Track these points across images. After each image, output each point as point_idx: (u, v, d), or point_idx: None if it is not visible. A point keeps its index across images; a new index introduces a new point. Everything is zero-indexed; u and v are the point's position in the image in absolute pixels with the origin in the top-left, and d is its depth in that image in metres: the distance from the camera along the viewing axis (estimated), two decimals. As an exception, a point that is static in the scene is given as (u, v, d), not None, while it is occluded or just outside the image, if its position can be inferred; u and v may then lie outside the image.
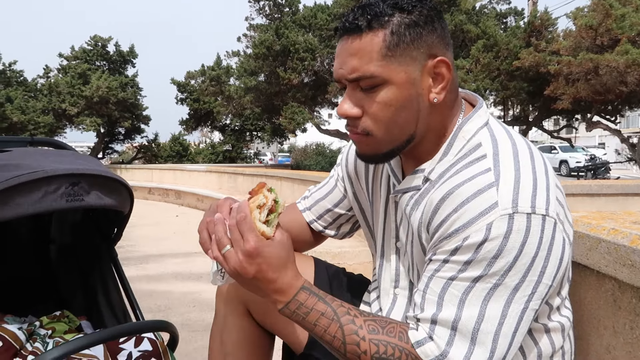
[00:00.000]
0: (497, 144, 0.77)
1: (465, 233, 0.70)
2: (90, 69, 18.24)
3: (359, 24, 0.75)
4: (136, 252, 4.72)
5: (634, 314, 0.87)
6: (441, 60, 0.76)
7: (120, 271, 1.39)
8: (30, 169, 1.03)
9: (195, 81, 17.86)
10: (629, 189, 3.90)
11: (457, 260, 0.71)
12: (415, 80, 0.76)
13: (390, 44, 0.74)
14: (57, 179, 1.04)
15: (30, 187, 1.01)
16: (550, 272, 0.71)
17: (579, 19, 9.08)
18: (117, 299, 1.39)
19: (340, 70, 0.78)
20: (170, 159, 21.49)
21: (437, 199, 0.75)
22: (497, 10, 13.76)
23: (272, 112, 15.20)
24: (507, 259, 0.69)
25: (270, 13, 14.47)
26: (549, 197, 0.72)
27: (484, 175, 0.72)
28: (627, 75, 7.96)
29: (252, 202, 0.78)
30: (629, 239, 0.87)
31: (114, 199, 1.15)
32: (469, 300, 0.70)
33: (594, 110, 10.39)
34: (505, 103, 12.62)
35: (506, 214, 0.69)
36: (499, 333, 0.70)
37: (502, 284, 0.69)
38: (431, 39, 0.76)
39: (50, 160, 1.12)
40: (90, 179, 1.09)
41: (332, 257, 3.56)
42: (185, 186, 10.27)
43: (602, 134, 26.28)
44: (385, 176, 0.93)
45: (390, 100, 0.76)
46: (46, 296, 1.50)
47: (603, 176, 15.31)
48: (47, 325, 1.26)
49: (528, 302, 0.70)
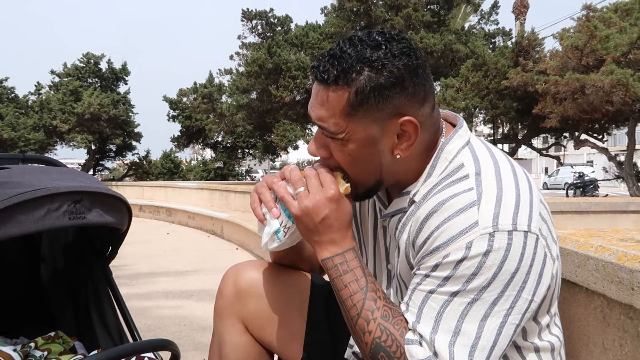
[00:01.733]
0: (479, 163, 0.78)
1: (446, 251, 0.71)
2: (82, 85, 18.25)
3: (327, 77, 0.75)
4: (127, 270, 4.67)
5: (623, 331, 0.88)
6: (408, 120, 0.75)
7: (115, 290, 1.37)
8: (33, 187, 1.02)
9: (187, 98, 17.95)
10: (617, 207, 3.95)
11: (437, 275, 0.73)
12: (374, 139, 0.77)
13: (354, 103, 0.74)
14: (60, 196, 1.04)
15: (34, 204, 1.01)
16: (530, 287, 0.72)
17: (565, 39, 9.29)
18: (112, 318, 1.37)
19: (311, 112, 0.80)
20: (162, 176, 21.41)
21: (421, 218, 0.77)
22: (486, 31, 14.06)
23: (264, 129, 15.26)
24: (486, 276, 0.70)
25: (263, 32, 14.66)
26: (532, 213, 0.73)
27: (466, 194, 0.74)
28: (613, 94, 8.12)
29: None
30: (616, 256, 0.89)
31: (114, 216, 1.15)
32: (446, 314, 0.72)
33: (581, 128, 10.56)
34: (494, 121, 12.79)
35: (486, 233, 0.70)
36: (476, 346, 0.70)
37: (480, 299, 0.70)
38: (399, 100, 0.75)
39: (51, 177, 1.12)
40: (92, 196, 1.09)
41: (324, 274, 3.54)
42: (177, 203, 10.20)
43: (590, 151, 26.67)
44: (372, 202, 0.95)
45: (350, 151, 0.78)
46: (35, 317, 1.48)
47: (592, 193, 15.48)
48: (42, 347, 1.25)
49: (507, 316, 0.71)
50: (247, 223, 6.12)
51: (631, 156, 10.04)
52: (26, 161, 1.42)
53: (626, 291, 0.84)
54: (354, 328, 0.79)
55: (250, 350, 1.02)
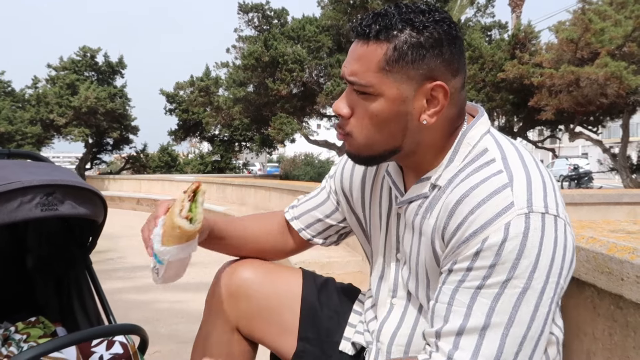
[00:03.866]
0: (502, 148, 0.79)
1: (484, 234, 0.70)
2: (79, 79, 18.10)
3: (368, 31, 0.76)
4: (124, 263, 4.68)
5: (612, 320, 0.90)
6: (439, 85, 0.76)
7: (94, 278, 1.44)
8: (7, 180, 1.07)
9: (184, 92, 17.85)
10: (611, 198, 3.98)
11: (481, 265, 0.70)
12: (405, 98, 0.77)
13: (390, 59, 0.75)
14: (33, 189, 1.09)
15: (7, 197, 1.06)
16: (565, 274, 0.72)
17: (561, 32, 9.29)
18: (92, 304, 1.43)
19: (344, 69, 0.80)
20: (159, 169, 21.32)
21: (452, 202, 0.75)
22: (482, 23, 14.02)
23: (261, 122, 15.21)
24: (530, 259, 0.69)
25: (259, 25, 14.56)
26: (557, 198, 0.74)
27: (497, 177, 0.73)
28: (607, 87, 8.15)
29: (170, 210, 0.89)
30: (607, 247, 0.90)
31: (88, 208, 1.20)
32: (499, 307, 0.69)
33: (576, 121, 10.60)
34: (490, 114, 12.81)
35: (522, 213, 0.69)
36: (527, 337, 0.69)
37: (530, 287, 0.69)
38: (434, 62, 0.76)
39: (27, 171, 1.17)
40: (65, 189, 1.14)
41: (320, 267, 3.57)
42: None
43: (585, 144, 26.73)
44: (387, 189, 0.94)
45: (378, 111, 0.77)
46: (22, 304, 1.53)
47: (586, 185, 15.55)
48: (21, 331, 1.31)
49: (551, 304, 0.71)
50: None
51: (625, 148, 10.08)
52: (12, 157, 1.46)
53: (616, 281, 0.85)
54: None
55: (234, 347, 1.04)
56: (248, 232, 1.08)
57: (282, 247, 1.11)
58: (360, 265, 3.73)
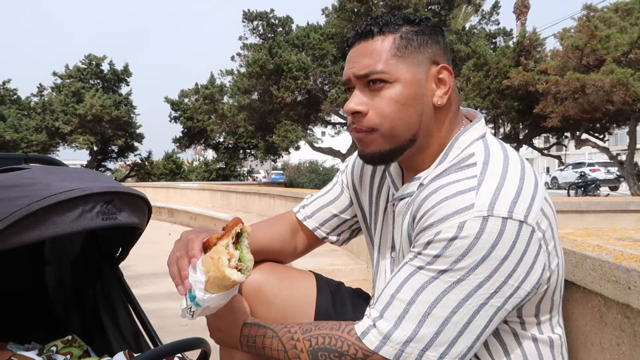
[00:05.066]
0: (489, 154, 0.80)
1: (438, 228, 0.73)
2: (84, 87, 18.30)
3: (372, 29, 0.82)
4: (129, 270, 4.67)
5: (620, 330, 0.89)
6: (444, 66, 0.83)
7: (127, 292, 1.35)
8: (65, 188, 1.00)
9: (188, 99, 17.96)
10: (618, 206, 3.95)
11: (428, 253, 0.74)
12: (420, 81, 0.82)
13: (400, 45, 0.81)
14: (93, 197, 1.03)
15: (68, 205, 0.99)
16: (518, 276, 0.73)
17: (566, 39, 9.29)
18: (127, 321, 1.34)
19: (351, 70, 0.83)
20: (164, 176, 21.42)
21: (422, 197, 0.79)
22: (487, 31, 14.06)
23: (265, 130, 15.27)
24: (475, 258, 0.71)
25: (264, 33, 14.67)
26: (532, 205, 0.74)
27: (468, 180, 0.76)
28: (613, 94, 8.12)
29: (212, 253, 0.80)
30: (613, 255, 0.89)
31: (138, 216, 1.15)
32: (429, 288, 0.73)
33: (582, 128, 10.56)
34: (495, 121, 12.79)
35: (480, 216, 0.71)
36: (450, 320, 0.72)
37: (465, 280, 0.72)
38: (435, 48, 0.83)
39: (77, 177, 1.11)
40: (122, 196, 1.09)
41: (324, 274, 3.55)
42: (178, 204, 10.22)
43: (591, 151, 26.60)
44: (386, 187, 0.97)
45: (397, 97, 0.81)
46: (41, 321, 1.47)
47: (593, 193, 15.45)
48: (62, 350, 1.23)
49: (489, 298, 0.72)
50: (248, 223, 6.12)
51: (632, 155, 10.02)
52: (29, 161, 1.40)
53: (623, 290, 0.84)
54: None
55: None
56: (263, 244, 1.07)
57: (294, 249, 1.11)
58: (365, 273, 3.71)
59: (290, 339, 0.83)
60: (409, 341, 0.73)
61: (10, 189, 1.00)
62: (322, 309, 1.01)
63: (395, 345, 0.74)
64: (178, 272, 0.84)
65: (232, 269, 0.78)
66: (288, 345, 0.83)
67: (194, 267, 0.83)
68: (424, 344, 0.73)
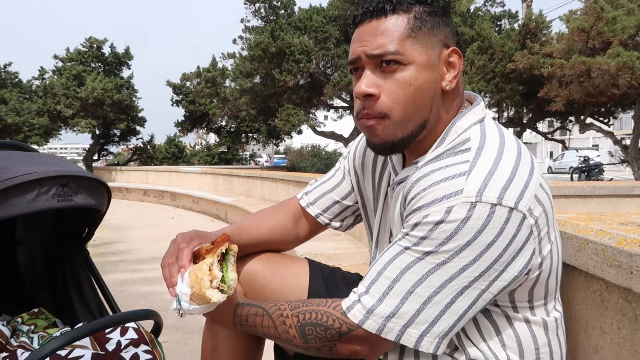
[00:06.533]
0: (484, 139, 0.79)
1: (427, 211, 0.74)
2: (86, 70, 18.17)
3: (385, 6, 0.79)
4: (131, 254, 4.71)
5: (621, 314, 0.89)
6: (454, 49, 0.82)
7: (93, 269, 1.44)
8: (22, 172, 1.08)
9: (190, 83, 17.84)
10: (621, 190, 3.93)
11: (414, 235, 0.75)
12: (433, 63, 0.80)
13: (414, 26, 0.79)
14: (49, 180, 1.11)
15: (25, 188, 1.07)
16: (503, 260, 0.73)
17: (572, 21, 9.15)
18: (92, 296, 1.43)
19: (363, 48, 0.80)
20: (166, 160, 21.42)
21: (414, 179, 0.80)
22: (492, 13, 13.85)
23: (267, 113, 15.21)
24: (459, 242, 0.72)
25: (266, 15, 14.49)
26: (525, 192, 0.74)
27: (459, 165, 0.76)
28: (619, 78, 8.03)
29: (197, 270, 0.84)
30: (616, 240, 0.89)
31: (96, 198, 1.22)
32: (414, 268, 0.75)
33: (587, 112, 10.47)
34: (499, 105, 12.69)
35: (468, 202, 0.71)
36: (432, 299, 0.74)
37: (449, 262, 0.73)
38: (445, 30, 0.82)
39: (35, 162, 1.18)
40: (78, 180, 1.17)
41: (326, 258, 3.57)
42: (181, 188, 10.24)
43: (596, 135, 26.46)
44: (387, 172, 0.97)
45: (411, 79, 0.78)
46: (13, 296, 1.55)
47: (596, 177, 15.41)
48: (27, 322, 1.32)
49: (473, 281, 0.73)
50: (250, 207, 6.14)
51: (637, 140, 9.95)
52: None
53: (625, 275, 0.84)
54: (282, 339, 0.85)
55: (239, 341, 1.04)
56: (264, 236, 1.07)
57: (296, 237, 1.12)
58: (367, 256, 3.72)
59: (280, 315, 0.85)
60: (391, 316, 0.75)
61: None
62: (315, 294, 1.02)
63: (377, 320, 0.76)
64: (169, 276, 0.88)
65: (214, 289, 0.83)
66: (277, 321, 0.85)
67: (182, 276, 0.87)
68: (405, 320, 0.75)
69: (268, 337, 0.89)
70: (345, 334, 0.79)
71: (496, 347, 0.83)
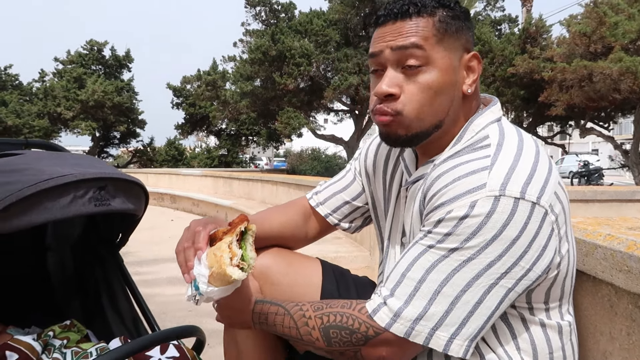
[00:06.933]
0: (504, 136, 0.79)
1: (450, 207, 0.73)
2: (86, 73, 18.24)
3: (409, 8, 0.80)
4: (131, 256, 4.70)
5: (630, 320, 0.88)
6: (474, 54, 0.83)
7: (127, 278, 1.35)
8: (58, 174, 1.00)
9: (191, 86, 17.90)
10: (622, 195, 3.93)
11: (438, 232, 0.74)
12: (455, 67, 0.81)
13: (440, 29, 0.79)
14: (85, 183, 1.03)
15: (60, 191, 0.99)
16: (529, 258, 0.72)
17: (573, 26, 9.17)
18: (126, 306, 1.35)
19: (387, 43, 0.80)
20: (166, 163, 21.43)
21: (434, 176, 0.79)
22: (492, 17, 13.90)
23: (267, 116, 15.23)
24: (485, 237, 0.70)
25: (267, 19, 14.53)
26: (545, 188, 0.73)
27: (481, 160, 0.76)
28: (620, 82, 8.04)
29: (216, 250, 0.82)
30: (625, 245, 0.88)
31: (134, 202, 1.14)
32: (439, 267, 0.73)
33: (587, 116, 10.49)
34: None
35: (492, 195, 0.71)
36: (460, 299, 0.72)
37: (475, 258, 0.71)
38: (467, 34, 0.83)
39: (71, 163, 1.10)
40: (115, 182, 1.09)
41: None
42: (181, 190, 10.23)
43: (596, 140, 26.50)
44: (399, 173, 0.97)
45: (432, 82, 0.79)
46: (42, 305, 1.47)
47: (596, 182, 15.41)
48: (59, 335, 1.24)
49: (499, 279, 0.72)
50: (251, 210, 6.13)
51: (637, 145, 9.96)
52: (29, 146, 1.39)
53: (635, 280, 0.83)
54: (304, 340, 0.83)
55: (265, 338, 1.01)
56: (274, 230, 1.07)
57: (305, 235, 1.11)
58: (368, 260, 3.71)
59: (302, 316, 0.83)
60: (419, 319, 0.73)
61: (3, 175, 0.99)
62: (327, 293, 1.01)
63: (405, 323, 0.74)
64: (185, 261, 0.85)
65: (234, 267, 0.80)
66: (300, 322, 0.83)
67: (199, 259, 0.84)
68: (434, 322, 0.73)
69: (288, 337, 0.87)
70: (372, 338, 0.76)
71: (511, 350, 0.81)
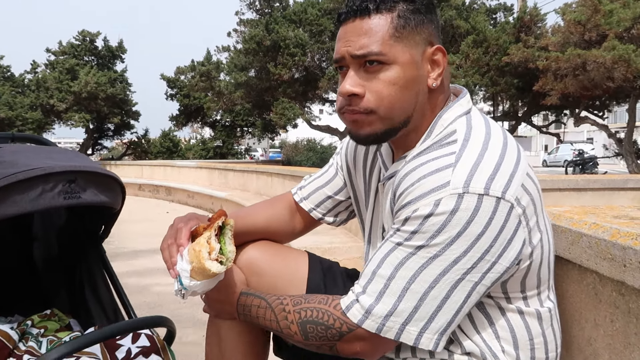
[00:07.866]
0: (470, 131, 0.80)
1: (416, 205, 0.75)
2: (79, 64, 18.03)
3: (368, 6, 0.79)
4: (126, 248, 4.70)
5: (614, 307, 0.89)
6: (438, 47, 0.83)
7: (109, 269, 1.38)
8: (27, 167, 1.02)
9: (185, 77, 17.76)
10: (615, 184, 3.95)
11: (406, 229, 0.76)
12: (417, 63, 0.81)
13: (398, 25, 0.79)
14: (54, 176, 1.04)
15: (28, 184, 1.01)
16: (495, 251, 0.74)
17: (568, 14, 9.15)
18: (107, 296, 1.37)
19: (347, 48, 0.81)
20: (161, 155, 21.32)
21: (402, 174, 0.80)
22: (487, 6, 13.82)
23: (262, 107, 15.15)
24: (450, 234, 0.72)
25: (261, 8, 14.39)
26: (511, 181, 0.75)
27: (446, 157, 0.77)
28: (614, 71, 8.05)
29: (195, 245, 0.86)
30: (609, 233, 0.89)
31: (108, 195, 1.15)
32: (407, 264, 0.75)
33: (581, 105, 10.51)
34: (494, 98, 12.71)
35: (455, 193, 0.72)
36: (428, 294, 0.74)
37: (441, 255, 0.73)
38: (430, 28, 0.82)
39: (44, 157, 1.11)
40: (86, 175, 1.09)
41: (322, 252, 3.56)
42: (176, 182, 10.21)
43: (590, 129, 26.58)
44: (377, 168, 0.98)
45: (395, 79, 0.79)
46: (28, 295, 1.49)
47: (591, 171, 15.49)
48: (38, 324, 1.26)
49: (465, 274, 0.74)
50: (245, 202, 6.14)
51: (631, 133, 10.01)
52: (16, 140, 1.40)
53: (618, 268, 0.84)
54: (284, 333, 0.86)
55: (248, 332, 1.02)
56: (260, 225, 1.08)
57: (292, 230, 1.13)
58: (362, 251, 3.72)
59: (282, 310, 0.86)
60: (389, 315, 0.75)
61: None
62: (313, 285, 1.02)
63: (376, 319, 0.76)
64: (169, 257, 0.89)
65: (213, 261, 0.84)
66: (280, 316, 0.86)
67: (181, 255, 0.88)
68: (404, 318, 0.75)
69: (270, 329, 0.90)
70: (346, 334, 0.79)
71: (490, 338, 0.83)
